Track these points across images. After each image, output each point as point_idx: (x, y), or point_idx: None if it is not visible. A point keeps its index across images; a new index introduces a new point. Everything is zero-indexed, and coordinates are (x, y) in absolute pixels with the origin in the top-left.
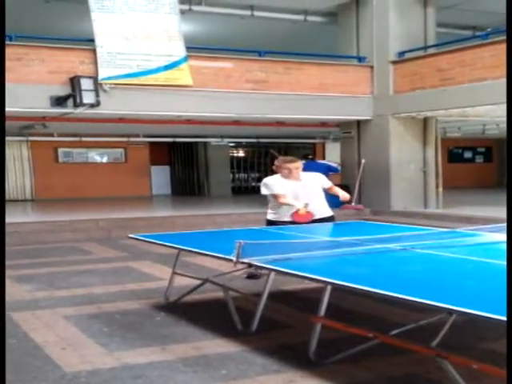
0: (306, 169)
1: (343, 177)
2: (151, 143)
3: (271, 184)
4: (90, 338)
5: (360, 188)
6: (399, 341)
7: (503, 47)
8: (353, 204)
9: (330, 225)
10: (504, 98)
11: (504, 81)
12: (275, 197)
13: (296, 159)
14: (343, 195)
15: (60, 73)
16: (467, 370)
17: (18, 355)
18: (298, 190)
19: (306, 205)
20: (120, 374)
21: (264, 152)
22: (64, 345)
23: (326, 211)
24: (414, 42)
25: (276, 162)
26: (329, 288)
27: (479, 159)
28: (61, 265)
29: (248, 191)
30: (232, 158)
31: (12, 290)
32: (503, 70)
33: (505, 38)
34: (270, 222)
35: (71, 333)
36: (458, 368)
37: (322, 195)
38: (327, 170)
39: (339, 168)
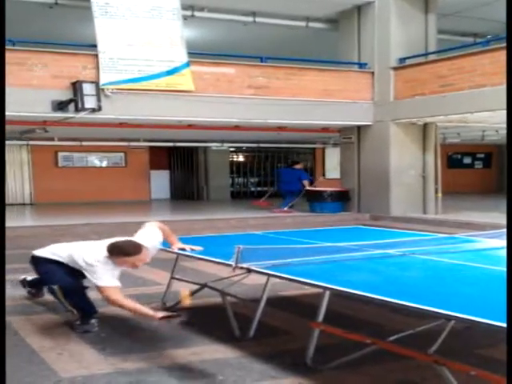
0: (281, 175)
1: (343, 182)
2: (151, 147)
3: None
4: (86, 343)
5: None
6: (397, 347)
7: (503, 54)
8: (284, 208)
9: (329, 230)
10: (503, 105)
11: (503, 88)
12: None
13: (142, 245)
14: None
15: (62, 77)
16: (465, 376)
17: (13, 360)
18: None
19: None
20: (116, 379)
21: (264, 157)
22: (60, 350)
23: None
24: (414, 48)
25: (109, 250)
26: (327, 294)
27: (478, 165)
28: None
29: (247, 196)
30: (232, 162)
31: (8, 295)
32: (502, 77)
33: (505, 45)
34: None
35: (68, 338)
36: (456, 375)
37: None
38: (300, 177)
39: (310, 177)
